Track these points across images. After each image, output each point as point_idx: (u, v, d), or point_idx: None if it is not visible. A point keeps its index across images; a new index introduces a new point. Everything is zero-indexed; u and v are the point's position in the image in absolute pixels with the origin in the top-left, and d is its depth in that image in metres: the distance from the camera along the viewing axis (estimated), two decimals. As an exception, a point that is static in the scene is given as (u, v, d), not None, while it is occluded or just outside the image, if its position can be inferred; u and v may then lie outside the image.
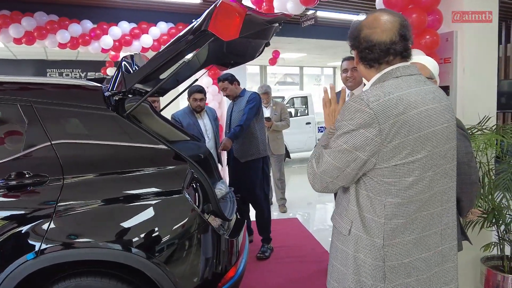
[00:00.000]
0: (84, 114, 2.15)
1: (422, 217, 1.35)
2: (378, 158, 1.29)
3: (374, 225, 1.34)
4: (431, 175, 1.33)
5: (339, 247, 1.46)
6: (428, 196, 1.34)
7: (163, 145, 2.16)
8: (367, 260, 1.35)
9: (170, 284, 2.00)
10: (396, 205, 1.32)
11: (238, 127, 3.85)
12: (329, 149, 1.37)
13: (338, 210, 1.50)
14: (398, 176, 1.30)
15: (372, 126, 1.26)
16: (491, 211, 2.65)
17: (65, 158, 2.04)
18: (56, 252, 1.93)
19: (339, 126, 1.35)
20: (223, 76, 4.01)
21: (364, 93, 1.32)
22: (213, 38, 2.12)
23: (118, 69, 2.25)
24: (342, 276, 1.44)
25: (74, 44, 5.83)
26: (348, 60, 3.31)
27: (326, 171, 1.37)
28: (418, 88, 1.33)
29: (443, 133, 1.34)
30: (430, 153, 1.31)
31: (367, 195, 1.36)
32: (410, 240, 1.34)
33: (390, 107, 1.26)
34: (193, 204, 2.11)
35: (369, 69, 1.40)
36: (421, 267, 1.36)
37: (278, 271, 3.68)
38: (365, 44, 1.36)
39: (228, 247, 2.24)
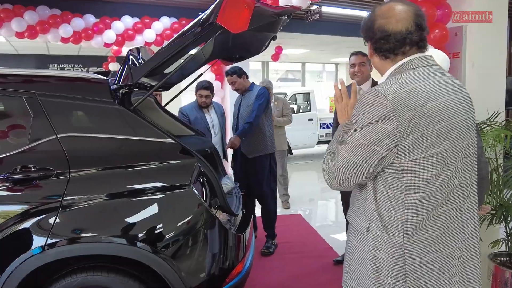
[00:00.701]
0: (90, 107, 2.12)
1: (442, 213, 1.30)
2: (397, 152, 1.25)
3: (393, 222, 1.30)
4: (451, 169, 1.29)
5: (356, 246, 1.41)
6: (448, 191, 1.30)
7: (171, 139, 2.14)
8: (387, 259, 1.31)
9: (178, 279, 1.98)
10: (415, 201, 1.27)
11: (247, 124, 3.79)
12: (345, 144, 1.32)
13: (354, 208, 1.45)
14: (417, 171, 1.26)
15: (391, 119, 1.22)
16: (499, 207, 2.63)
17: (71, 151, 2.02)
18: (63, 246, 1.91)
19: (356, 120, 1.30)
20: (231, 70, 3.95)
21: (380, 85, 1.27)
22: (221, 31, 2.09)
23: (125, 62, 2.22)
24: (360, 276, 1.39)
25: (77, 38, 5.80)
26: (356, 55, 3.30)
27: (343, 167, 1.33)
28: (436, 80, 1.28)
29: (463, 125, 1.29)
30: (450, 146, 1.27)
31: (385, 192, 1.31)
32: (431, 237, 1.30)
33: (408, 99, 1.22)
34: (200, 199, 2.08)
35: (384, 61, 1.36)
36: (443, 265, 1.31)
37: (282, 267, 3.67)
38: (380, 34, 1.31)
39: (235, 242, 2.22)
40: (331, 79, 15.73)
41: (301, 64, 14.44)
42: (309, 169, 9.32)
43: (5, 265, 1.87)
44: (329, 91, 15.45)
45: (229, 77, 3.97)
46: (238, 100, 4.14)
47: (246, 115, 3.92)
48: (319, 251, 4.05)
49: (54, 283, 1.93)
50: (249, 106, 3.91)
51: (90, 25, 5.85)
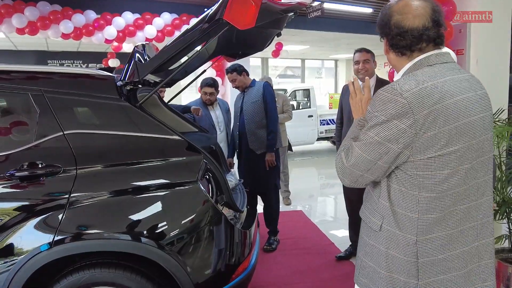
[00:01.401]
0: (96, 104, 2.12)
1: (457, 212, 1.29)
2: (412, 150, 1.24)
3: (407, 220, 1.29)
4: (467, 167, 1.27)
5: (369, 243, 1.41)
6: (463, 189, 1.28)
7: (177, 136, 2.14)
8: (400, 256, 1.30)
9: (184, 275, 1.98)
10: (430, 199, 1.26)
11: (271, 135, 3.85)
12: (359, 141, 1.31)
13: (367, 205, 1.45)
14: (433, 169, 1.24)
15: (406, 116, 1.20)
16: (503, 204, 2.64)
17: (78, 148, 2.02)
18: (70, 243, 1.91)
19: (370, 117, 1.29)
20: (231, 67, 3.95)
21: (396, 82, 1.26)
22: (228, 27, 2.09)
23: (131, 58, 2.21)
24: (373, 273, 1.39)
25: (78, 34, 5.78)
26: (360, 52, 3.29)
27: (356, 164, 1.32)
28: (453, 77, 1.26)
29: (480, 124, 1.27)
30: (466, 145, 1.25)
31: (400, 190, 1.30)
32: (445, 235, 1.29)
33: (424, 97, 1.20)
34: (207, 195, 2.09)
35: (400, 57, 1.34)
36: (457, 264, 1.30)
37: (284, 263, 3.68)
38: (396, 31, 1.30)
39: (241, 239, 2.23)
40: (331, 76, 15.72)
41: (301, 60, 14.42)
42: (309, 165, 9.34)
43: (12, 262, 1.88)
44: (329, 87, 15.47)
45: (229, 75, 3.97)
46: (239, 97, 4.13)
47: (251, 111, 3.91)
48: (321, 247, 4.06)
49: (62, 279, 1.94)
50: (254, 103, 3.90)
51: (91, 21, 5.82)
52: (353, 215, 3.65)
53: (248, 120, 3.92)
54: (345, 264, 3.62)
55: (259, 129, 3.89)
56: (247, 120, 3.93)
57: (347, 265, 3.58)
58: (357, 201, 3.56)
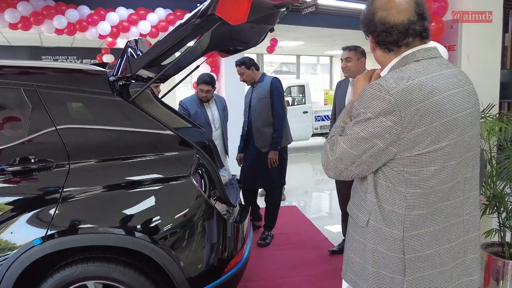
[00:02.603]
0: (89, 99, 2.13)
1: (443, 207, 1.29)
2: (399, 147, 1.23)
3: (394, 216, 1.29)
4: (454, 164, 1.26)
5: (356, 238, 1.41)
6: (450, 185, 1.28)
7: (170, 130, 2.15)
8: (386, 252, 1.31)
9: (177, 269, 2.00)
10: (417, 195, 1.26)
11: (276, 133, 3.78)
12: (345, 136, 1.31)
13: (354, 200, 1.45)
14: (420, 166, 1.24)
15: (393, 114, 1.19)
16: (493, 198, 2.67)
17: (71, 143, 2.02)
18: (63, 237, 1.92)
19: (357, 113, 1.28)
20: (240, 61, 3.91)
21: (383, 79, 1.25)
22: (220, 23, 2.09)
23: (123, 53, 2.21)
24: (360, 268, 1.40)
25: (71, 30, 5.73)
26: (343, 50, 3.40)
27: (341, 158, 1.32)
28: (440, 72, 1.25)
29: (467, 120, 1.26)
30: (453, 141, 1.24)
31: (387, 186, 1.30)
32: (431, 231, 1.28)
33: (411, 94, 1.19)
34: (199, 190, 2.10)
35: (388, 54, 1.33)
36: (443, 259, 1.30)
37: (278, 258, 3.70)
38: (382, 27, 1.28)
39: (234, 233, 2.25)
40: (326, 72, 15.73)
41: (296, 56, 14.41)
42: (304, 161, 9.36)
43: (5, 257, 1.88)
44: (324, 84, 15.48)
45: (238, 68, 3.92)
46: (249, 91, 4.06)
47: (258, 108, 3.87)
48: (315, 242, 4.09)
49: (55, 273, 1.95)
50: (261, 100, 3.85)
51: (85, 16, 5.78)
52: (346, 210, 3.67)
53: (255, 117, 3.89)
54: (338, 258, 3.64)
55: (265, 127, 3.85)
56: (254, 117, 3.89)
57: (340, 259, 3.51)
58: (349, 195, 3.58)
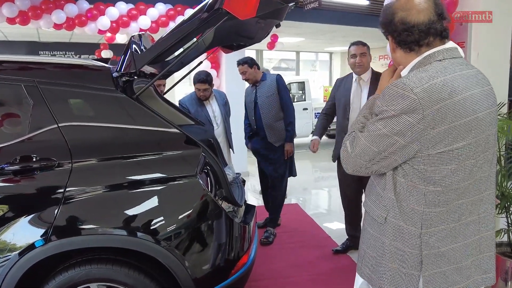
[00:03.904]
0: (92, 95, 2.06)
1: (461, 205, 1.32)
2: (420, 145, 1.25)
3: (413, 213, 1.31)
4: (473, 162, 1.29)
5: (373, 234, 1.44)
6: (468, 183, 1.31)
7: (175, 128, 2.09)
8: (404, 248, 1.33)
9: (184, 270, 1.95)
10: (436, 193, 1.29)
11: (290, 126, 3.94)
12: (366, 132, 1.34)
13: (371, 197, 1.47)
14: (440, 164, 1.26)
15: (416, 112, 1.22)
16: (502, 198, 2.63)
17: (74, 141, 1.96)
18: (66, 239, 1.87)
19: (380, 111, 1.31)
20: (243, 60, 3.95)
21: (406, 77, 1.27)
22: (227, 17, 2.03)
23: (127, 49, 2.15)
24: (376, 264, 1.43)
25: (70, 25, 5.65)
26: (357, 45, 3.21)
27: (361, 154, 1.35)
28: (462, 72, 1.28)
29: (486, 119, 1.30)
30: (473, 140, 1.27)
31: (406, 183, 1.32)
32: (448, 228, 1.31)
33: (434, 92, 1.22)
34: (206, 189, 2.05)
35: (409, 53, 1.36)
36: (459, 256, 1.33)
37: (282, 257, 3.66)
38: (403, 27, 1.32)
39: (240, 234, 2.20)
40: (325, 69, 15.66)
41: (296, 53, 14.33)
42: (304, 158, 9.30)
43: (6, 258, 1.83)
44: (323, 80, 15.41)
45: (240, 67, 3.97)
46: (250, 91, 4.10)
47: (267, 106, 3.95)
48: (318, 241, 4.05)
49: (57, 276, 1.89)
50: (269, 97, 3.94)
51: (84, 11, 5.70)
52: (349, 210, 3.63)
53: (265, 114, 3.96)
54: (341, 257, 3.60)
55: (276, 122, 3.96)
56: (264, 114, 3.96)
57: (344, 259, 3.56)
58: (353, 196, 3.55)
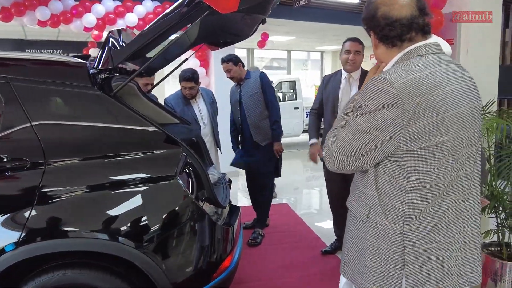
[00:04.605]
0: (67, 93, 1.97)
1: (444, 202, 1.30)
2: (401, 140, 1.24)
3: (394, 210, 1.30)
4: (455, 158, 1.28)
5: (356, 233, 1.42)
6: (451, 180, 1.29)
7: (155, 127, 2.01)
8: (386, 246, 1.32)
9: (162, 274, 1.87)
10: (418, 190, 1.27)
11: (275, 125, 3.86)
12: (347, 127, 1.32)
13: (354, 195, 1.45)
14: (421, 160, 1.25)
15: (395, 106, 1.21)
16: (492, 198, 2.59)
17: (47, 140, 1.88)
18: (38, 242, 1.78)
19: (360, 106, 1.30)
20: (227, 57, 3.86)
21: (387, 72, 1.26)
22: (208, 12, 1.96)
23: (105, 44, 2.07)
24: (359, 263, 1.40)
25: (55, 22, 5.52)
26: (353, 41, 3.06)
27: (342, 149, 1.33)
28: (443, 67, 1.27)
29: (468, 115, 1.28)
30: (455, 136, 1.26)
31: (387, 180, 1.31)
32: (431, 226, 1.30)
33: (415, 87, 1.21)
34: (186, 190, 1.97)
35: (391, 49, 1.35)
36: (442, 255, 1.31)
37: (269, 258, 3.60)
38: (385, 22, 1.30)
39: (223, 236, 2.12)
40: (317, 68, 15.63)
41: (287, 51, 14.28)
42: (295, 157, 9.26)
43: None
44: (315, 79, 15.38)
45: (224, 65, 3.88)
46: (235, 90, 4.04)
47: (252, 104, 3.88)
48: (307, 241, 3.99)
49: (29, 281, 1.80)
50: (253, 95, 3.87)
51: (69, 7, 5.57)
52: (336, 210, 3.57)
53: (250, 113, 3.89)
54: (330, 258, 3.55)
55: (262, 121, 3.89)
56: (248, 113, 3.89)
57: (333, 260, 3.51)
58: (338, 195, 3.47)
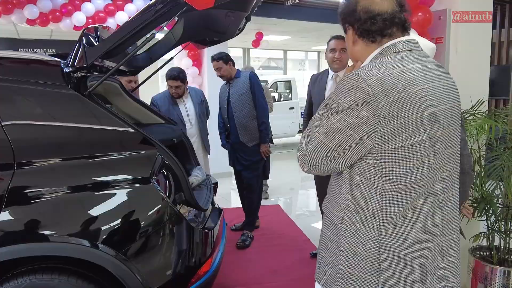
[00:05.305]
0: (40, 92, 1.91)
1: (422, 206, 1.24)
2: (375, 140, 1.17)
3: (369, 213, 1.24)
4: (432, 160, 1.22)
5: (330, 237, 1.35)
6: (428, 183, 1.23)
7: (129, 127, 1.94)
8: (361, 251, 1.25)
9: (136, 280, 1.80)
10: (393, 192, 1.21)
11: (262, 126, 3.79)
12: (320, 127, 1.26)
13: (329, 197, 1.39)
14: (396, 160, 1.19)
15: (369, 104, 1.15)
16: (481, 200, 2.52)
17: (17, 141, 1.81)
18: (5, 247, 1.71)
19: (334, 104, 1.23)
20: (218, 55, 3.79)
21: (361, 69, 1.20)
22: (185, 8, 1.89)
23: (79, 42, 2.00)
24: (333, 269, 1.33)
25: (44, 20, 5.43)
26: (337, 39, 3.02)
27: (316, 150, 1.27)
28: (420, 64, 1.22)
29: (447, 114, 1.22)
30: (432, 136, 1.20)
31: (362, 181, 1.24)
32: (408, 230, 1.24)
33: (390, 84, 1.14)
34: (162, 194, 1.90)
35: (370, 45, 1.28)
36: (420, 260, 1.25)
37: (258, 261, 3.53)
38: (366, 16, 1.24)
39: (202, 240, 2.05)
40: (313, 68, 15.58)
41: (283, 51, 14.22)
42: (290, 158, 9.19)
43: None
44: (311, 79, 15.32)
45: (214, 63, 3.82)
46: (224, 88, 3.97)
47: (239, 104, 3.81)
48: (297, 244, 3.92)
49: (-3, 287, 1.74)
50: (242, 95, 3.80)
51: (58, 6, 5.48)
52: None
53: (237, 113, 3.82)
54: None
55: (249, 121, 3.81)
56: (236, 113, 3.83)
57: (322, 263, 3.44)
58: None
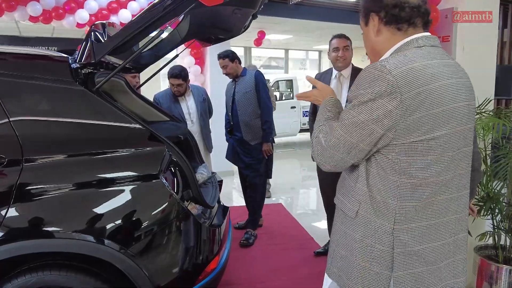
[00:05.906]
0: (48, 87, 1.90)
1: (438, 202, 1.23)
2: (395, 133, 1.16)
3: (385, 207, 1.22)
4: (450, 156, 1.21)
5: (344, 231, 1.33)
6: (445, 179, 1.22)
7: (138, 124, 1.94)
8: (375, 245, 1.24)
9: (144, 277, 1.80)
10: (410, 186, 1.19)
11: (266, 125, 3.79)
12: (340, 121, 1.23)
13: (343, 191, 1.37)
14: (415, 154, 1.17)
15: (393, 95, 1.13)
16: (488, 199, 2.52)
17: (26, 137, 1.80)
18: (15, 243, 1.71)
19: (355, 96, 1.20)
20: (224, 53, 3.80)
21: (385, 60, 1.19)
22: (194, 4, 1.88)
23: (87, 38, 1.99)
24: (346, 262, 1.32)
25: (47, 17, 5.43)
26: (339, 38, 3.09)
27: (337, 146, 1.23)
28: (441, 60, 1.21)
29: (464, 112, 1.22)
30: (451, 132, 1.19)
31: (379, 174, 1.23)
32: (423, 226, 1.22)
33: (413, 76, 1.13)
34: (171, 190, 1.90)
35: (395, 35, 1.26)
36: (432, 257, 1.24)
37: (261, 260, 3.53)
38: (393, 2, 1.23)
39: (209, 237, 2.05)
40: (315, 68, 15.57)
41: (284, 50, 14.21)
42: (291, 157, 9.21)
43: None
44: (312, 78, 15.31)
45: (221, 61, 3.82)
46: (230, 86, 3.99)
47: (244, 102, 3.82)
48: (300, 242, 3.92)
49: (6, 283, 1.73)
50: (247, 93, 3.80)
51: (61, 3, 5.47)
52: (330, 210, 3.51)
53: (241, 111, 3.83)
54: (323, 260, 3.46)
55: (253, 120, 3.81)
56: (240, 111, 3.83)
57: (325, 261, 3.43)
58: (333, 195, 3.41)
